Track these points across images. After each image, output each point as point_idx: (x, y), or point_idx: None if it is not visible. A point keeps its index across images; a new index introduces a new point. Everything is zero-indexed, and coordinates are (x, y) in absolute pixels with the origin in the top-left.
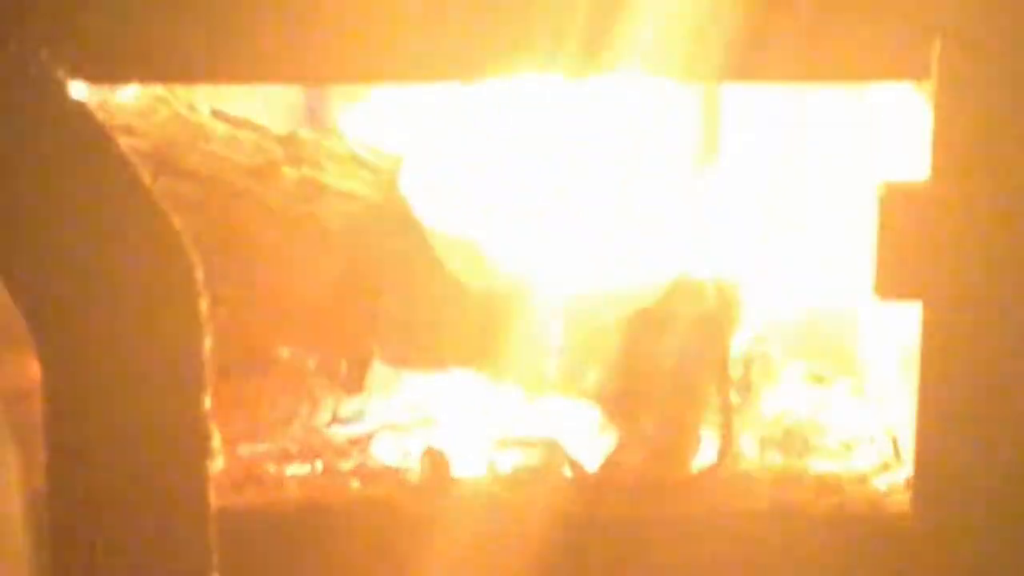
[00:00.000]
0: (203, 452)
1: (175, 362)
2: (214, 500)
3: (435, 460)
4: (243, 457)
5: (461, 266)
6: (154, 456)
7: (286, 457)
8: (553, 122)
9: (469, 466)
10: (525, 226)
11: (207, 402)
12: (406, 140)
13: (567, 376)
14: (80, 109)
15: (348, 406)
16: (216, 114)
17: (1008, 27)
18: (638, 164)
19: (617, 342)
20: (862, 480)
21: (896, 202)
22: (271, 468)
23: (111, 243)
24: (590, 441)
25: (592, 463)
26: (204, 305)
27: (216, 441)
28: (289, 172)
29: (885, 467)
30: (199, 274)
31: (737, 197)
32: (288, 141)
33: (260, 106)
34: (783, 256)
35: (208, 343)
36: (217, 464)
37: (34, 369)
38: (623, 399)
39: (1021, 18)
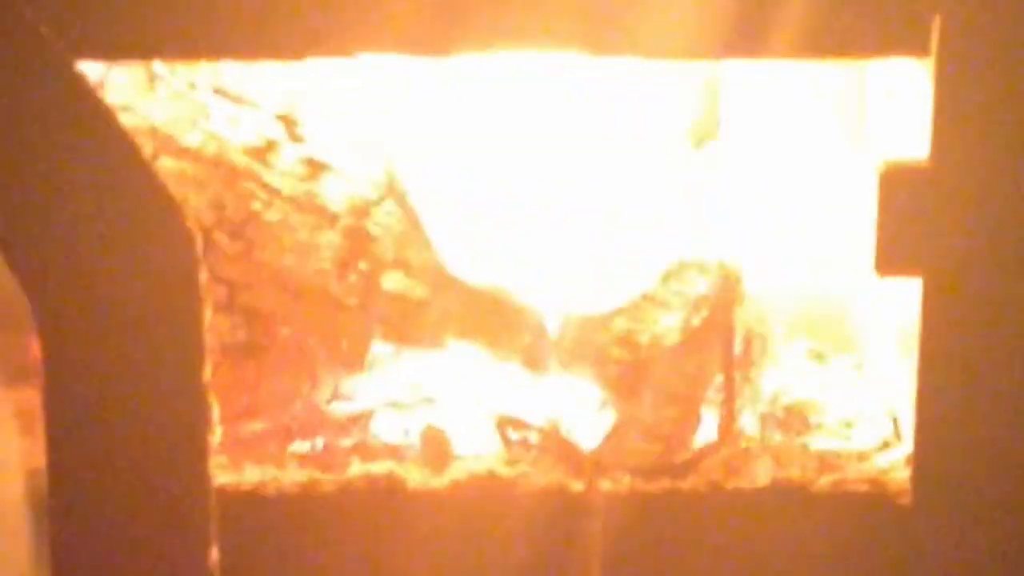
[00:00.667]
0: (204, 424)
1: (176, 334)
2: (214, 475)
3: (435, 438)
4: (243, 435)
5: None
6: (155, 429)
7: (286, 435)
8: (552, 105)
9: (469, 444)
10: (525, 207)
11: (207, 374)
12: (404, 118)
13: (568, 354)
14: (81, 86)
15: (348, 384)
16: (217, 92)
17: (1008, 4)
18: (638, 144)
19: (619, 322)
20: (862, 458)
21: (896, 180)
22: (271, 446)
23: (113, 219)
24: (591, 419)
25: (593, 441)
26: (203, 278)
27: (216, 414)
28: (289, 150)
29: (885, 445)
30: (199, 247)
31: (737, 176)
32: (288, 119)
33: (261, 84)
34: (783, 235)
35: (208, 315)
36: (216, 437)
37: (34, 349)
38: (624, 377)
39: None
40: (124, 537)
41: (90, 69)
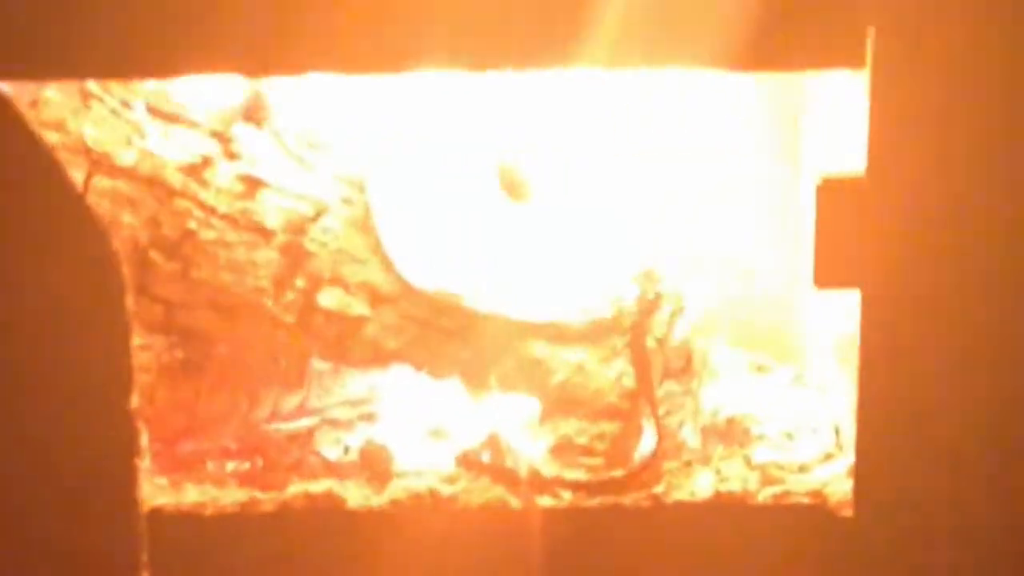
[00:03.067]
0: (131, 450)
1: (101, 359)
2: (149, 498)
3: (375, 455)
4: (182, 455)
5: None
6: (82, 455)
7: (224, 454)
8: (484, 116)
9: (409, 461)
10: (463, 221)
11: (134, 399)
12: (343, 132)
13: (507, 371)
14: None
15: (287, 402)
16: (151, 110)
17: (942, 17)
18: (573, 156)
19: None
20: (804, 469)
21: (833, 193)
22: (209, 465)
23: (37, 243)
24: (531, 435)
25: (533, 457)
26: (130, 302)
27: (144, 439)
28: (225, 168)
29: (827, 456)
30: (125, 271)
31: (674, 187)
32: (224, 137)
33: (196, 101)
34: (724, 246)
35: (135, 340)
36: (145, 462)
37: None
38: (563, 393)
39: (954, 8)
40: (51, 565)
41: (22, 89)
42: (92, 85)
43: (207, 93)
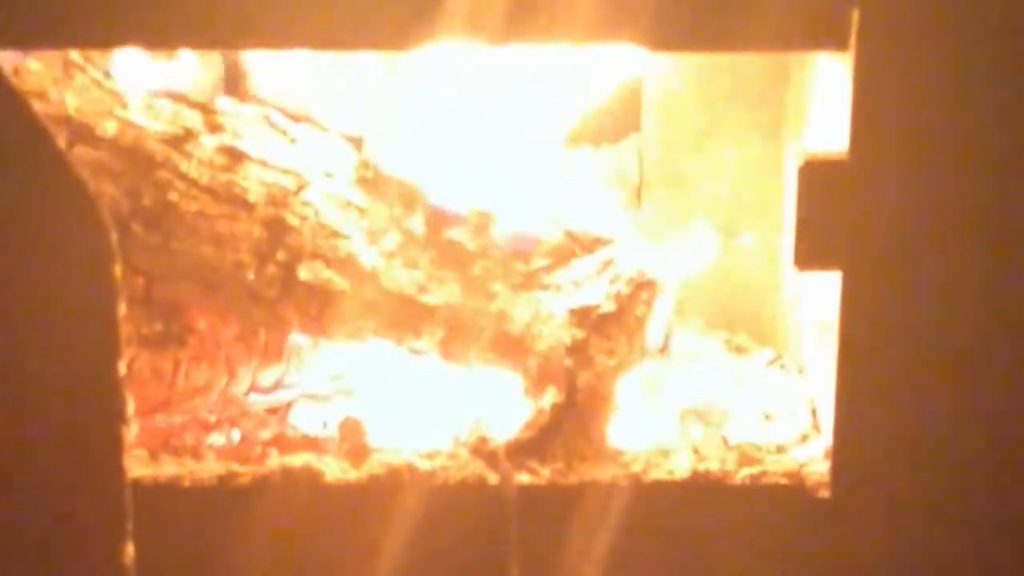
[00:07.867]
0: (118, 418)
1: (90, 328)
2: (130, 469)
3: (353, 430)
4: (160, 427)
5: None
6: (69, 424)
7: (204, 427)
8: (467, 92)
9: (387, 436)
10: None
11: (122, 368)
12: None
13: (487, 347)
14: None
15: (266, 375)
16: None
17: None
18: (548, 135)
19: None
20: (781, 450)
21: (815, 174)
22: (188, 438)
23: (25, 211)
24: (510, 411)
25: (511, 433)
26: (118, 270)
27: (131, 408)
28: (207, 140)
29: (804, 438)
30: (113, 238)
31: (658, 168)
32: (206, 109)
33: (178, 73)
34: (702, 227)
35: (122, 309)
36: (132, 431)
37: None
38: (536, 368)
39: None
40: (37, 534)
41: (4, 57)
42: (74, 55)
43: (190, 65)
